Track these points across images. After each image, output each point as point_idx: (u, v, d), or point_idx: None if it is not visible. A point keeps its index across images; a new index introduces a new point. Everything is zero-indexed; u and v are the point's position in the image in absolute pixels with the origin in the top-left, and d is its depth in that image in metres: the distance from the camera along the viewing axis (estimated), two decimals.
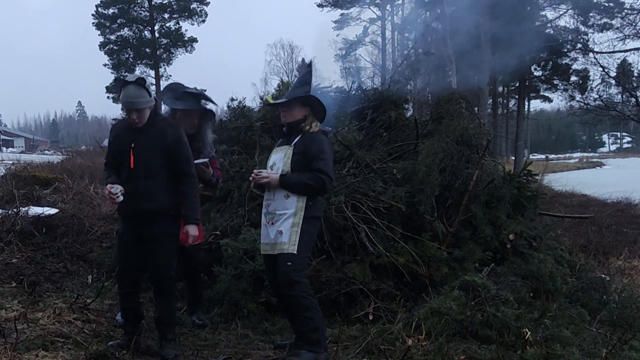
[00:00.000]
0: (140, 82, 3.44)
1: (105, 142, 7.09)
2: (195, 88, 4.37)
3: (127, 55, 31.88)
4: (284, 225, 3.45)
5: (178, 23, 32.58)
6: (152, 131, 3.46)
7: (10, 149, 46.71)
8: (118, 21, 32.00)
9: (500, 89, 32.61)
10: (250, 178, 3.64)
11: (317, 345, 3.40)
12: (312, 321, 3.40)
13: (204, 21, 32.66)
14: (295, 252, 3.40)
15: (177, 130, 3.56)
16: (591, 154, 59.09)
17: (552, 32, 21.82)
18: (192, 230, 3.50)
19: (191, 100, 4.14)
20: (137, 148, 3.43)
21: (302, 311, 3.41)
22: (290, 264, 3.39)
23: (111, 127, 3.75)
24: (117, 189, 3.35)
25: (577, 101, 20.01)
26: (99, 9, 31.69)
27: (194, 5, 32.41)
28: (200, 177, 4.06)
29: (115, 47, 32.14)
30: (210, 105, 4.32)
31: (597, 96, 18.68)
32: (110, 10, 31.80)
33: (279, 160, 3.59)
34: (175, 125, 3.65)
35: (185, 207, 3.50)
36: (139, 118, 3.44)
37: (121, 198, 3.36)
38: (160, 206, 3.42)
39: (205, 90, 4.52)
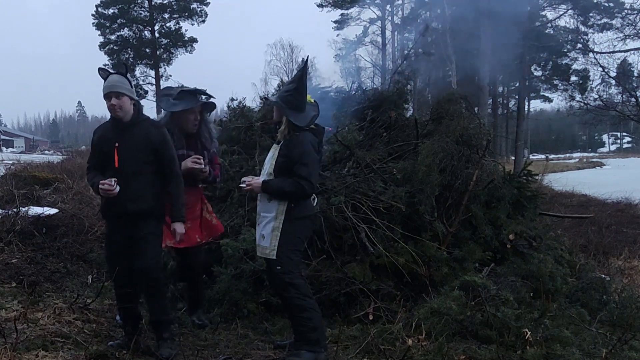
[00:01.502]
0: (122, 71, 3.48)
1: None
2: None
3: (127, 56, 31.84)
4: (265, 230, 3.48)
5: (178, 23, 32.60)
6: (136, 130, 3.45)
7: (10, 149, 46.69)
8: (118, 21, 32.00)
9: (500, 89, 32.64)
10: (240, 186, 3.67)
11: (317, 345, 3.40)
12: (311, 321, 3.41)
13: (204, 21, 32.67)
14: (274, 257, 3.42)
15: (162, 130, 3.58)
16: (591, 154, 58.96)
17: (552, 32, 21.84)
18: (179, 227, 3.56)
19: (189, 98, 4.13)
20: (122, 147, 3.41)
21: (299, 312, 3.42)
22: (279, 267, 3.42)
23: (94, 130, 3.67)
24: (112, 180, 3.35)
25: (577, 101, 19.99)
26: (99, 9, 31.70)
27: (194, 5, 32.40)
28: (198, 176, 4.07)
29: (115, 47, 32.15)
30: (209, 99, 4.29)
31: (597, 96, 18.65)
32: (110, 10, 31.80)
33: (267, 161, 3.62)
34: (159, 125, 3.66)
35: (172, 206, 3.53)
36: (120, 105, 3.39)
37: (118, 188, 3.35)
38: (147, 206, 3.43)
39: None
